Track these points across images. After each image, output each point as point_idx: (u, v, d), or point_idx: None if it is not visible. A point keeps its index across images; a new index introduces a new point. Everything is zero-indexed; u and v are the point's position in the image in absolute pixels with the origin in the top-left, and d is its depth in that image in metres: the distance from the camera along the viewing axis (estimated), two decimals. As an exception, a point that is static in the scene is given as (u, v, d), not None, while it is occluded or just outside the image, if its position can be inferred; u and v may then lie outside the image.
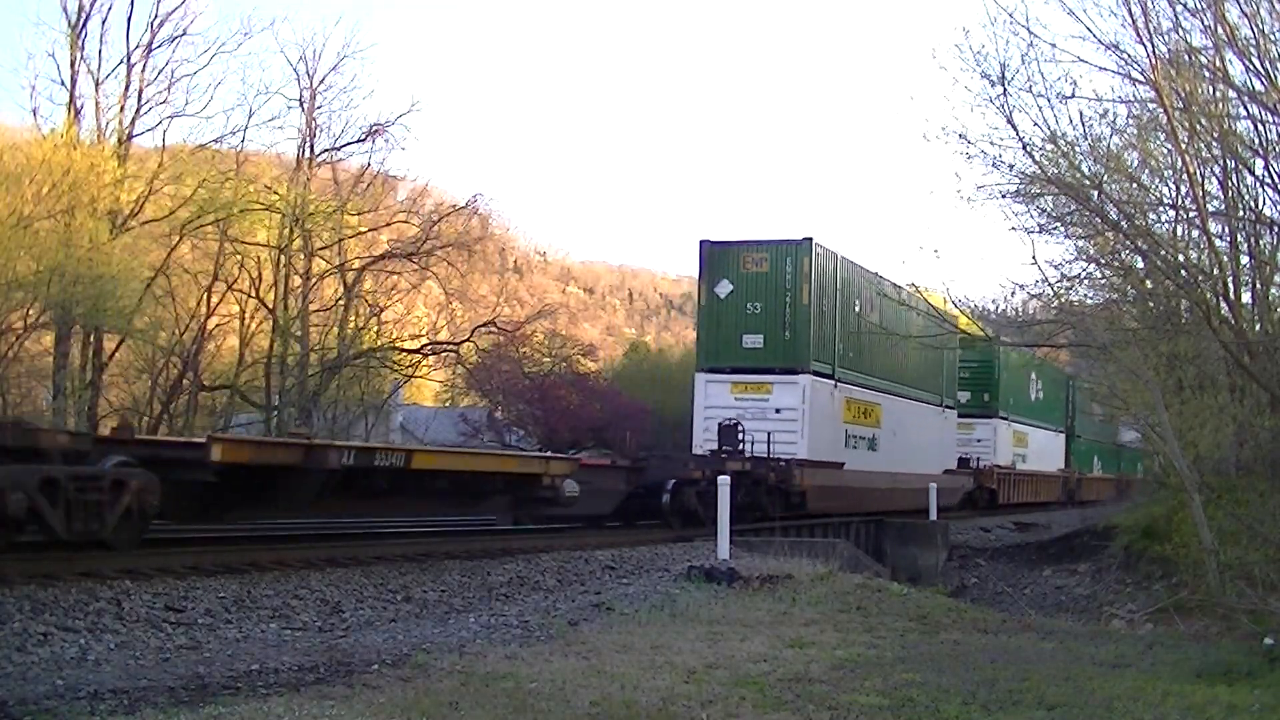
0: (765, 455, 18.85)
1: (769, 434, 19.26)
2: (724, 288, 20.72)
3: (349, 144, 32.39)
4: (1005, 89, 13.12)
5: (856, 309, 21.98)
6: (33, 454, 8.92)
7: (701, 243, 21.17)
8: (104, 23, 26.39)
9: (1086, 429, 39.53)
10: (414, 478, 12.21)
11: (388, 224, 34.66)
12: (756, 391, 20.30)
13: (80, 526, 9.03)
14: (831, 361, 21.10)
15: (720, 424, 19.33)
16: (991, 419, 31.27)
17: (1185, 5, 12.09)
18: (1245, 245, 14.88)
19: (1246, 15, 11.57)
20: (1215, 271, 13.38)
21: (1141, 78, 12.63)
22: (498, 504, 14.77)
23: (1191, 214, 13.56)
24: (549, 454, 16.74)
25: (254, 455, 10.80)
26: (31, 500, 8.53)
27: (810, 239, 20.41)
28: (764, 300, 20.42)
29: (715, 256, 20.97)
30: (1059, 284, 15.63)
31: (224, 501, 10.79)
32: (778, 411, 19.97)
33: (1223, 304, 13.30)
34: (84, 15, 26.11)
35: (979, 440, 30.59)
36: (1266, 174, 13.10)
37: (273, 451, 11.47)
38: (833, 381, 21.14)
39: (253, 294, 30.95)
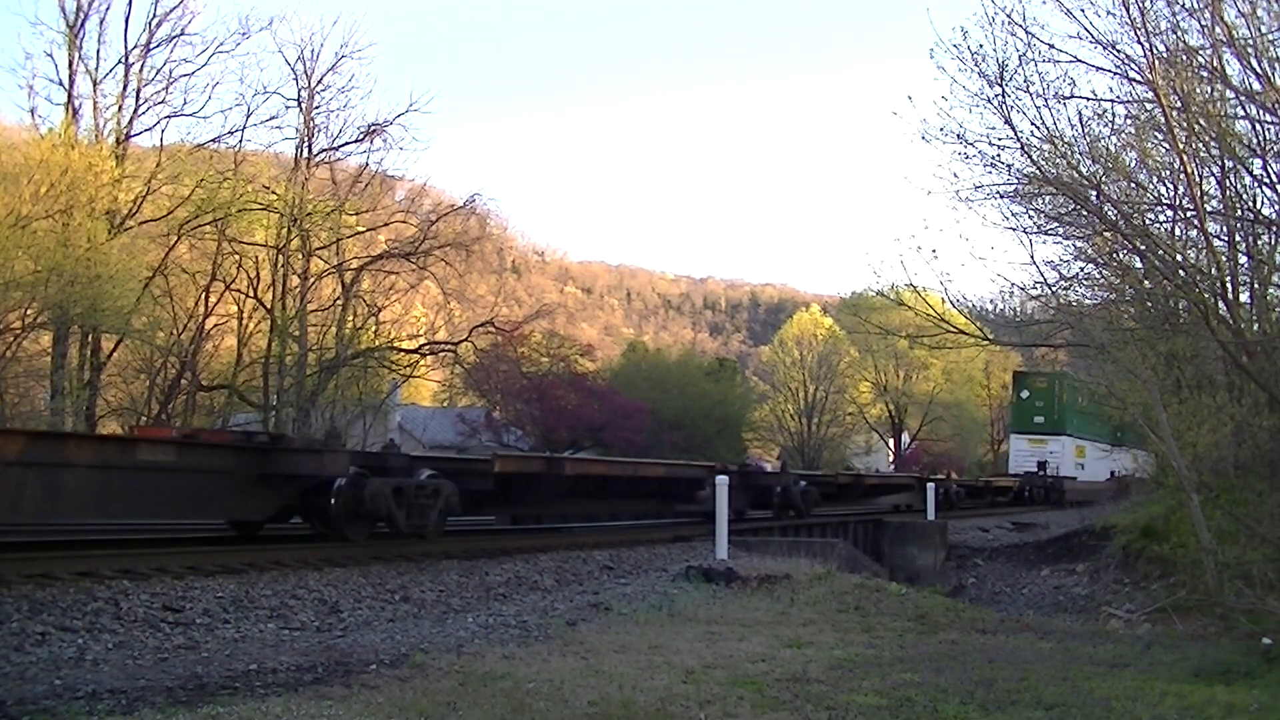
0: (1055, 474, 40.54)
1: (1057, 465, 42.62)
2: (1024, 394, 44.69)
3: (347, 144, 32.32)
4: (1003, 89, 13.06)
5: (1078, 400, 41.44)
6: None
7: (1015, 372, 44.40)
8: (102, 22, 26.40)
9: None
10: None
11: (386, 224, 34.59)
12: (1040, 444, 43.71)
13: None
14: (1072, 428, 43.36)
15: (1037, 461, 42.43)
16: (1121, 447, 50.03)
17: (1183, 5, 12.03)
18: (1243, 245, 14.85)
19: (1244, 15, 11.52)
20: (1213, 271, 13.33)
21: (1139, 77, 12.58)
22: None
23: (1189, 214, 13.52)
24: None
25: None
26: None
27: (1068, 373, 39.35)
28: (1044, 400, 43.64)
29: (1021, 378, 44.75)
30: (1057, 284, 15.62)
31: None
32: (1050, 452, 42.96)
33: (1221, 304, 13.26)
34: (82, 15, 26.10)
35: (1115, 460, 48.69)
36: (1264, 174, 13.06)
37: None
38: (1071, 438, 43.46)
39: (251, 294, 30.92)
